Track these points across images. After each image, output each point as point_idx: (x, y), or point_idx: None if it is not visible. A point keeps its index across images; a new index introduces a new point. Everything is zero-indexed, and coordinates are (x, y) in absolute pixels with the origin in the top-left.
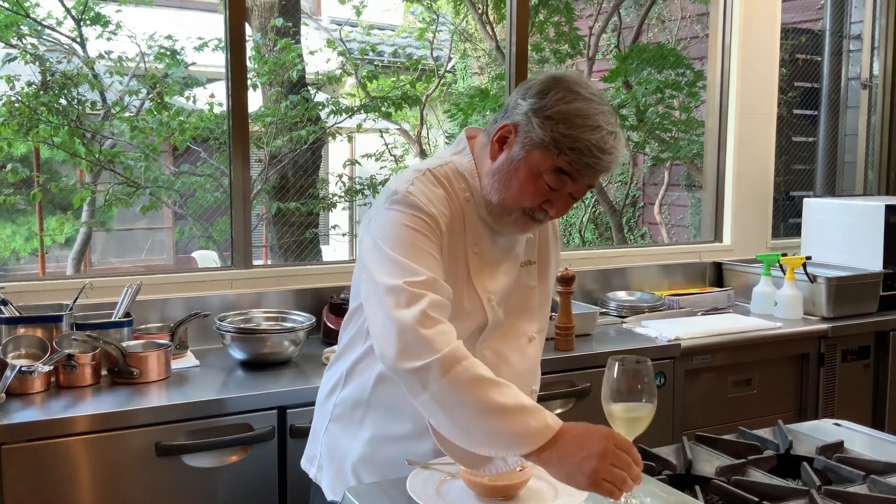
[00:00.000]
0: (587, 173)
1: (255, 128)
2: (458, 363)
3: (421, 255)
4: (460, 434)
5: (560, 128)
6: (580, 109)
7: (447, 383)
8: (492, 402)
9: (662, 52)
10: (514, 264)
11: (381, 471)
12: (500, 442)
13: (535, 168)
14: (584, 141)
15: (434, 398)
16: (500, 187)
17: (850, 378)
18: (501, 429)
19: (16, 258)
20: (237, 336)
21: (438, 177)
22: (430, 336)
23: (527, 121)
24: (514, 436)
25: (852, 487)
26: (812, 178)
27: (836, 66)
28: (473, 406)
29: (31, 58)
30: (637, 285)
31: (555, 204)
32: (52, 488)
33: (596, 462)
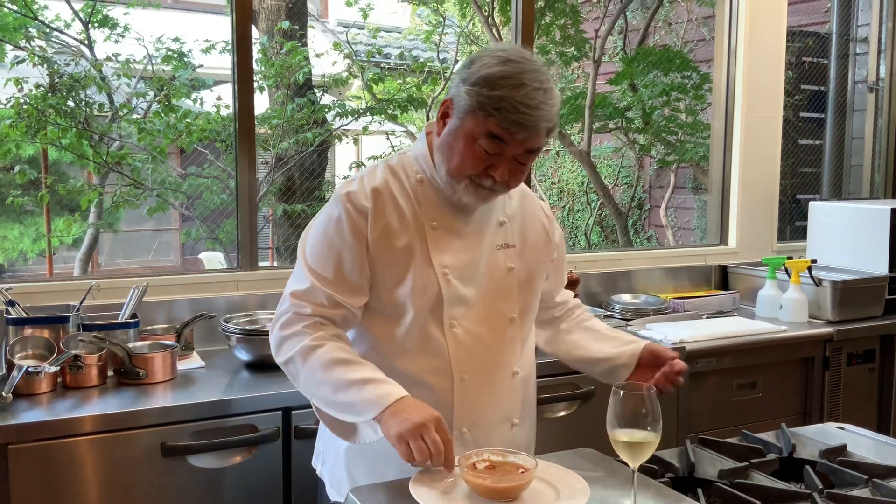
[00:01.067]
0: (519, 132)
1: (261, 130)
2: (314, 351)
3: (326, 252)
4: (328, 407)
5: (484, 91)
6: (502, 71)
7: (308, 366)
8: (343, 379)
9: (669, 54)
10: (480, 242)
11: (369, 462)
12: (355, 409)
13: (469, 135)
14: (508, 100)
15: (304, 383)
16: (445, 158)
17: (856, 382)
18: (353, 399)
19: (24, 259)
20: (243, 337)
21: (392, 167)
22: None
23: (457, 91)
24: (363, 403)
25: (855, 491)
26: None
27: (842, 70)
28: (330, 384)
29: (40, 60)
30: (642, 288)
31: (498, 168)
32: (59, 488)
33: (409, 426)
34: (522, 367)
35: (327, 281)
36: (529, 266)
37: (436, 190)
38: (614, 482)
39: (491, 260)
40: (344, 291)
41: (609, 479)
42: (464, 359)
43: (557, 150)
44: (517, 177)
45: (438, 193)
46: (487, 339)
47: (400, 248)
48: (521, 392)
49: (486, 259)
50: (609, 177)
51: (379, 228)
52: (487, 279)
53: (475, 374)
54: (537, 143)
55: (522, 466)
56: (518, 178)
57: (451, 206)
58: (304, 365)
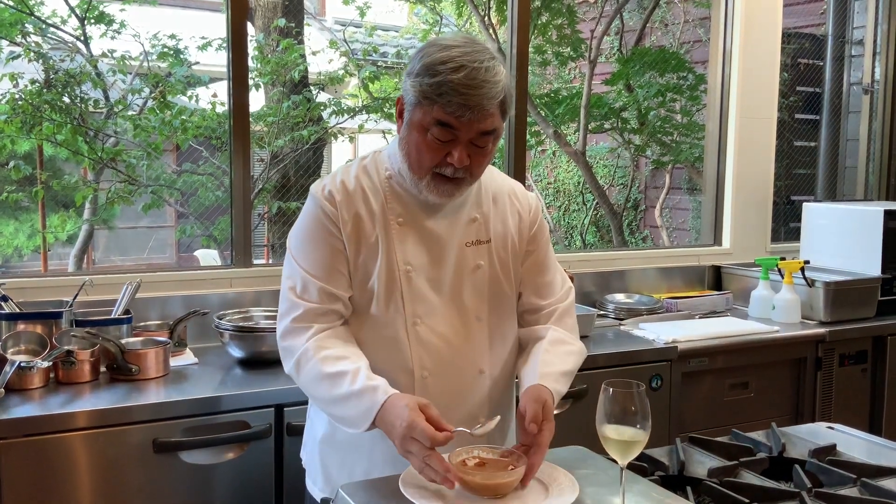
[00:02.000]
0: (465, 114)
1: (256, 127)
2: (305, 365)
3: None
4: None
5: (425, 80)
6: (439, 58)
7: (302, 381)
8: (329, 396)
9: (664, 55)
10: (449, 239)
11: (341, 451)
12: (352, 423)
13: (419, 126)
14: (448, 84)
15: (303, 389)
16: (405, 155)
17: (848, 382)
18: (341, 414)
19: (19, 255)
20: (236, 334)
21: (366, 165)
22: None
23: (404, 87)
24: (354, 419)
25: (843, 490)
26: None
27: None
28: (320, 399)
29: (35, 56)
30: (636, 288)
31: (455, 154)
32: (51, 483)
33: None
34: (491, 367)
35: (318, 276)
36: (502, 263)
37: (403, 187)
38: (604, 479)
39: (459, 257)
40: (334, 283)
41: (599, 476)
42: (425, 357)
43: (553, 151)
44: (479, 161)
45: (406, 190)
46: (451, 338)
47: (369, 244)
48: (488, 392)
49: (455, 256)
50: (604, 177)
51: (350, 223)
52: (454, 276)
53: (437, 373)
54: (489, 124)
55: (513, 463)
56: (480, 162)
57: (419, 203)
58: (299, 378)
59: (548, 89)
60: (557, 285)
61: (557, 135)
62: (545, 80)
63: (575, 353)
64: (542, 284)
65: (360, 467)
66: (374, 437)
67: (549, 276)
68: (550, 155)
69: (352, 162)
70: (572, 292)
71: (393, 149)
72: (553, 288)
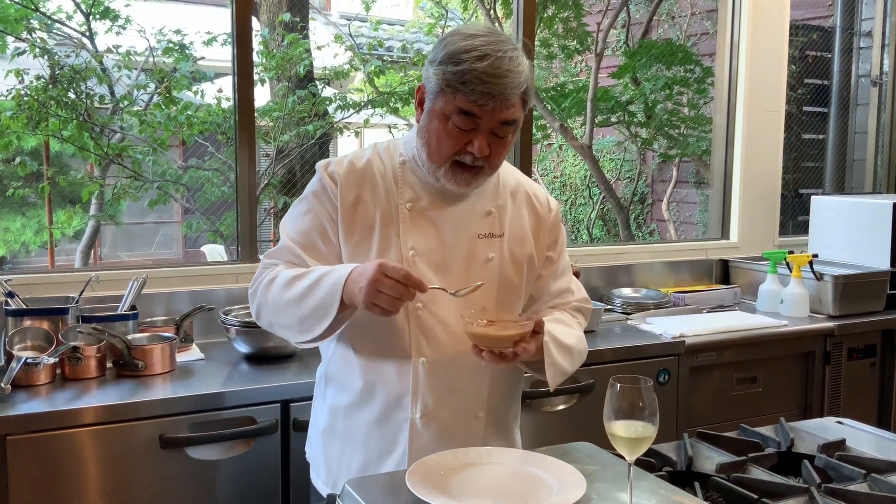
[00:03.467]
0: (488, 102)
1: (262, 122)
2: (269, 285)
3: (300, 216)
4: (302, 323)
5: (448, 69)
6: (463, 47)
7: (270, 300)
8: (298, 294)
9: (671, 48)
10: (461, 230)
11: (338, 442)
12: (324, 310)
13: (441, 114)
14: (472, 72)
15: (275, 320)
16: (424, 143)
17: (857, 377)
18: (316, 304)
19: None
20: (242, 330)
21: (380, 150)
22: (256, 288)
23: (426, 74)
24: (324, 303)
25: (853, 486)
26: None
27: (846, 64)
28: (294, 306)
29: (40, 52)
30: (643, 282)
31: (476, 144)
32: (57, 479)
33: (366, 290)
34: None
35: (296, 241)
36: (514, 258)
37: (417, 174)
38: (611, 475)
39: (470, 248)
40: (310, 252)
41: (606, 472)
42: (425, 343)
43: (560, 144)
44: (498, 152)
45: (420, 178)
46: (454, 327)
47: (369, 223)
48: (488, 383)
49: (465, 247)
50: (611, 171)
51: (349, 200)
52: (464, 267)
53: (436, 360)
54: (511, 114)
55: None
56: (500, 152)
57: (432, 192)
58: (267, 297)
59: (554, 83)
60: (574, 292)
61: (564, 128)
62: (551, 73)
63: (575, 337)
64: (559, 291)
65: (356, 459)
66: (370, 428)
67: (565, 283)
68: (557, 149)
69: (366, 147)
70: (589, 303)
71: (410, 136)
72: (569, 296)
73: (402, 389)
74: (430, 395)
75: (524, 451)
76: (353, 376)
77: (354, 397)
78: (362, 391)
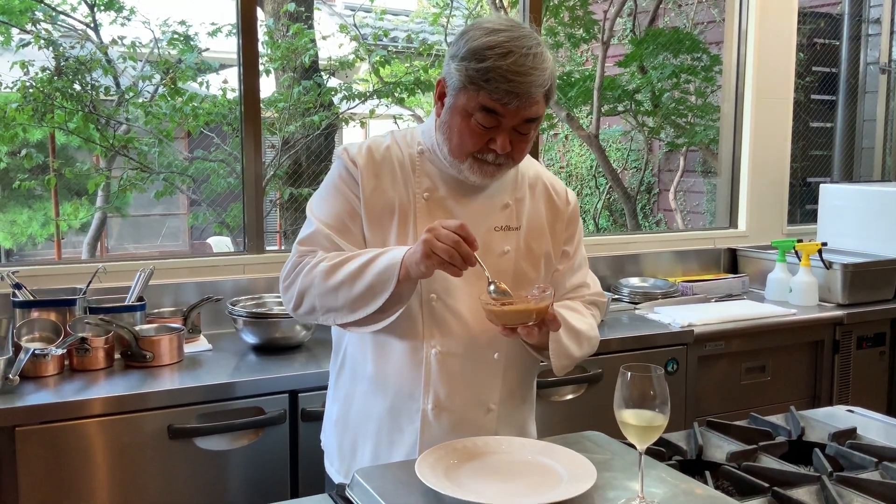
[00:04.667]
0: (512, 101)
1: (267, 113)
2: (314, 269)
3: (328, 201)
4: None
5: (472, 65)
6: (488, 42)
7: (317, 286)
8: (346, 275)
9: (678, 36)
10: (477, 222)
11: (350, 431)
12: (373, 291)
13: (463, 111)
14: (496, 70)
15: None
16: (445, 138)
17: (866, 365)
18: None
19: (33, 243)
20: (249, 320)
21: (397, 137)
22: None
23: (448, 69)
24: (376, 283)
25: (864, 474)
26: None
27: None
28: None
29: (45, 43)
30: (650, 272)
31: (498, 141)
32: (66, 470)
33: (420, 257)
34: (507, 352)
35: (329, 225)
36: (530, 251)
37: (436, 164)
38: (621, 464)
39: (486, 240)
40: (344, 236)
41: (616, 461)
42: (438, 334)
43: (566, 134)
44: (520, 148)
45: (438, 167)
46: (468, 318)
47: (388, 211)
48: (501, 377)
49: (481, 239)
50: (618, 160)
51: (370, 186)
52: (480, 259)
53: (449, 352)
54: (534, 112)
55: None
56: (522, 149)
57: (450, 182)
58: (314, 286)
59: (560, 72)
60: (590, 286)
61: (570, 118)
62: (557, 62)
63: (586, 324)
64: (574, 286)
65: (368, 448)
66: (382, 418)
67: (581, 277)
68: (563, 139)
69: (384, 133)
70: (605, 299)
71: (428, 126)
72: (584, 290)
73: (414, 380)
74: (442, 387)
75: (534, 441)
76: (365, 364)
77: (367, 386)
78: (375, 380)
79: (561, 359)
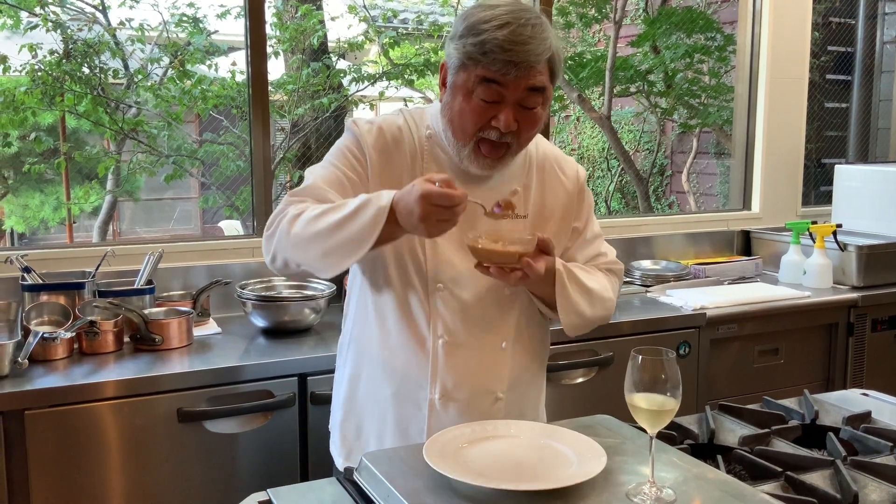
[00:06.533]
0: (512, 71)
1: (276, 96)
2: (296, 217)
3: (331, 164)
4: (342, 251)
5: (469, 41)
6: (483, 17)
7: (295, 232)
8: (331, 222)
9: (692, 15)
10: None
11: (355, 415)
12: (359, 237)
13: (464, 88)
14: (493, 41)
15: (298, 241)
16: (448, 121)
17: (880, 348)
18: (349, 232)
19: (45, 227)
20: (258, 304)
21: (406, 115)
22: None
23: (448, 52)
24: (361, 229)
25: (879, 458)
26: (845, 144)
27: (870, 30)
28: (322, 234)
29: (53, 26)
30: (662, 254)
31: (502, 118)
32: (75, 453)
33: (422, 224)
34: (514, 342)
35: (327, 180)
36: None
37: (443, 149)
38: (632, 448)
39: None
40: (341, 193)
41: (626, 445)
42: (444, 324)
43: (578, 116)
44: (527, 125)
45: (446, 153)
46: (475, 308)
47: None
48: (508, 367)
49: (488, 226)
50: (630, 142)
51: (379, 166)
52: None
53: (455, 342)
54: (537, 80)
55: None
56: (529, 125)
57: (457, 170)
58: (291, 230)
59: (572, 52)
60: (607, 254)
61: (582, 99)
62: (569, 43)
63: (599, 283)
64: (588, 258)
65: (372, 433)
66: (388, 404)
67: (595, 249)
68: (574, 120)
69: (395, 111)
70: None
71: (437, 108)
72: (600, 259)
73: (421, 369)
74: (449, 377)
75: (543, 424)
76: (372, 347)
77: (373, 370)
78: (381, 365)
79: (570, 315)
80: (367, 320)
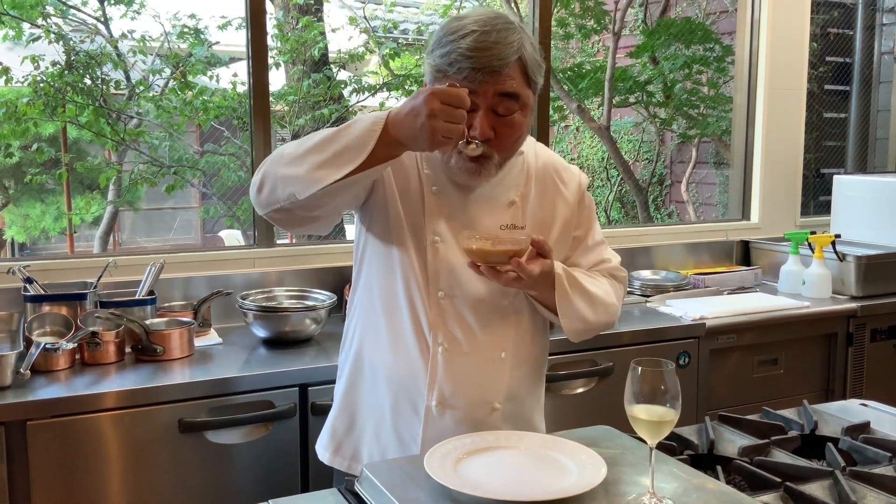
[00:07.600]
0: (478, 77)
1: (277, 107)
2: (283, 149)
3: None
4: (329, 169)
5: (437, 53)
6: (451, 28)
7: (287, 164)
8: (323, 137)
9: (690, 26)
10: (483, 221)
11: (349, 412)
12: (357, 144)
13: None
14: (456, 51)
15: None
16: None
17: (879, 358)
18: (344, 142)
19: (46, 237)
20: (259, 314)
21: None
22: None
23: (424, 70)
24: (362, 133)
25: (878, 469)
26: (843, 154)
27: (868, 40)
28: (316, 149)
29: (55, 37)
30: (662, 264)
31: (476, 126)
32: (77, 464)
33: (429, 122)
34: (514, 351)
35: None
36: None
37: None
38: (631, 459)
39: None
40: None
41: (626, 456)
42: (444, 332)
43: (577, 126)
44: (504, 134)
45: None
46: (475, 316)
47: (403, 187)
48: (507, 377)
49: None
50: (629, 152)
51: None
52: None
53: (455, 350)
54: (507, 86)
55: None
56: (506, 134)
57: (452, 180)
58: (280, 160)
59: (571, 63)
60: (610, 260)
61: (581, 109)
62: (568, 53)
63: (601, 289)
64: (590, 265)
65: (366, 428)
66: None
67: (597, 256)
68: (574, 130)
69: None
70: (625, 272)
71: None
72: (603, 265)
73: (419, 376)
74: (447, 384)
75: (543, 435)
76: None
77: (372, 372)
78: (380, 368)
79: (572, 320)
80: (368, 325)
